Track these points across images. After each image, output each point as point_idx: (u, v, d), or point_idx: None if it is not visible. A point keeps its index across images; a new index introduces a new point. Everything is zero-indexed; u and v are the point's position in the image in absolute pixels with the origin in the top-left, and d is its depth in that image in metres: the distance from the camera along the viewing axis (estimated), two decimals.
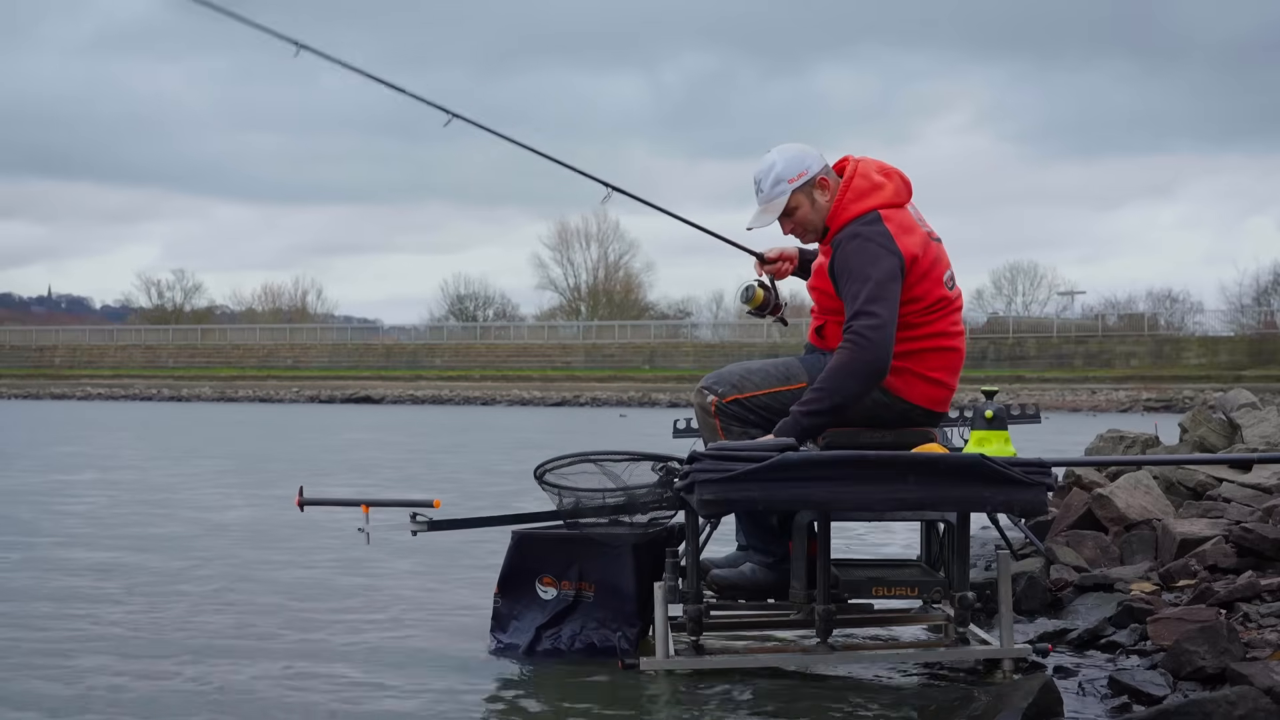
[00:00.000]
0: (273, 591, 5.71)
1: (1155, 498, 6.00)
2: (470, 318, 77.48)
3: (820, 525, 4.10)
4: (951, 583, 4.18)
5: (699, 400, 4.43)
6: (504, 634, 4.50)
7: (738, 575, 4.43)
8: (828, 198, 4.35)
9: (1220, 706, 3.18)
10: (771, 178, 4.35)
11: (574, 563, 4.44)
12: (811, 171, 4.34)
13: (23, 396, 58.93)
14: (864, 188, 4.32)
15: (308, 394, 58.26)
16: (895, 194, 4.34)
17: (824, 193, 4.35)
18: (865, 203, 4.29)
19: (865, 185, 4.32)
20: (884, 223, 4.24)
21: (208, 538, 7.57)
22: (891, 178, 4.37)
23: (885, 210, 4.28)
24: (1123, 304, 66.75)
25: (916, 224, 4.33)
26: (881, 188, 4.33)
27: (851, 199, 4.31)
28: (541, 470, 4.46)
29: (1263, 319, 61.35)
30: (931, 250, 4.32)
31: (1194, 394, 41.10)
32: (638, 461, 4.44)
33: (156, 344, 74.33)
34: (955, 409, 5.69)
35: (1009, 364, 56.90)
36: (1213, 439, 7.99)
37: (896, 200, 4.33)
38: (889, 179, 4.36)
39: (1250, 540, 4.78)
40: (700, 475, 3.92)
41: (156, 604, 5.37)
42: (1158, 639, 4.07)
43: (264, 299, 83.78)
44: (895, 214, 4.29)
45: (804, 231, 4.43)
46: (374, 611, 5.26)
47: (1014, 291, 70.79)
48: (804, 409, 4.18)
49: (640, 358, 64.78)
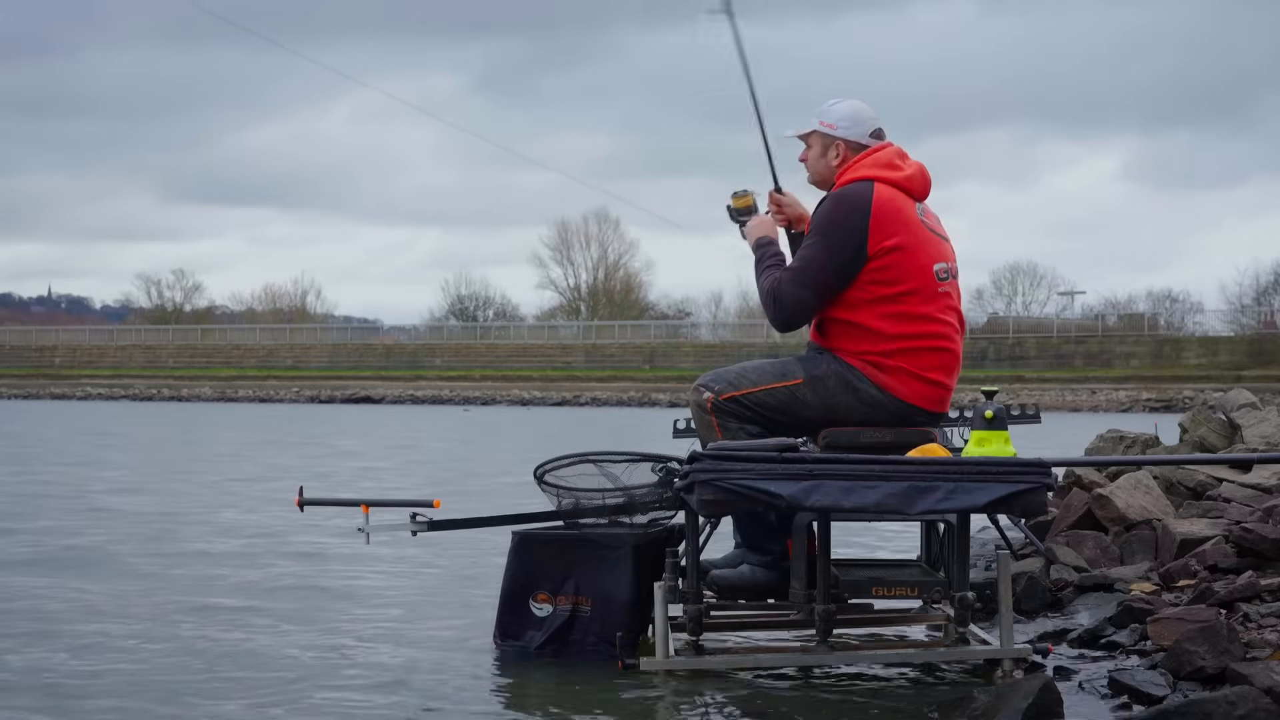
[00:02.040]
0: (272, 591, 5.71)
1: (1155, 498, 6.00)
2: (470, 318, 77.49)
3: (820, 525, 4.11)
4: (951, 583, 4.18)
5: (695, 398, 4.44)
6: (503, 641, 4.51)
7: (737, 575, 4.43)
8: (836, 159, 4.50)
9: (1220, 706, 3.18)
10: (820, 109, 4.56)
11: (571, 574, 4.43)
12: (838, 133, 4.49)
13: (23, 396, 58.92)
14: (880, 161, 4.42)
15: (308, 394, 58.29)
16: (907, 180, 4.41)
17: (835, 154, 4.50)
18: (869, 173, 4.38)
19: (881, 160, 4.43)
20: (873, 195, 4.32)
21: (213, 539, 7.57)
22: (910, 168, 4.45)
23: (882, 186, 4.34)
24: (1123, 304, 66.84)
25: (911, 211, 4.37)
26: (896, 170, 4.41)
27: (861, 165, 4.42)
28: (541, 471, 4.46)
29: (1263, 319, 61.37)
30: (920, 236, 4.36)
31: (1194, 394, 41.05)
32: (637, 462, 4.44)
33: (156, 344, 74.33)
34: (955, 409, 5.69)
35: (1009, 364, 56.89)
36: (1213, 439, 7.99)
37: (906, 186, 4.40)
38: (907, 167, 4.44)
39: (1250, 540, 4.78)
40: (700, 475, 3.92)
41: (158, 606, 5.38)
42: (1158, 639, 4.07)
43: (264, 299, 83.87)
44: (892, 194, 4.33)
45: (810, 176, 4.60)
46: (373, 611, 5.26)
47: (1014, 291, 70.85)
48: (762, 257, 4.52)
49: (640, 358, 64.79)
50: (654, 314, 75.25)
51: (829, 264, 4.31)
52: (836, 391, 4.33)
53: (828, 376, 4.35)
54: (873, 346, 4.32)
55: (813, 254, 4.36)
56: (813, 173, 4.57)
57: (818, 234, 4.37)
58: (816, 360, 4.40)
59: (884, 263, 4.29)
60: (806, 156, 4.57)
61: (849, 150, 4.48)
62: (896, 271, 4.30)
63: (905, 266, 4.31)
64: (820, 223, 4.38)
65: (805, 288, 4.35)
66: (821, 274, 4.32)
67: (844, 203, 4.35)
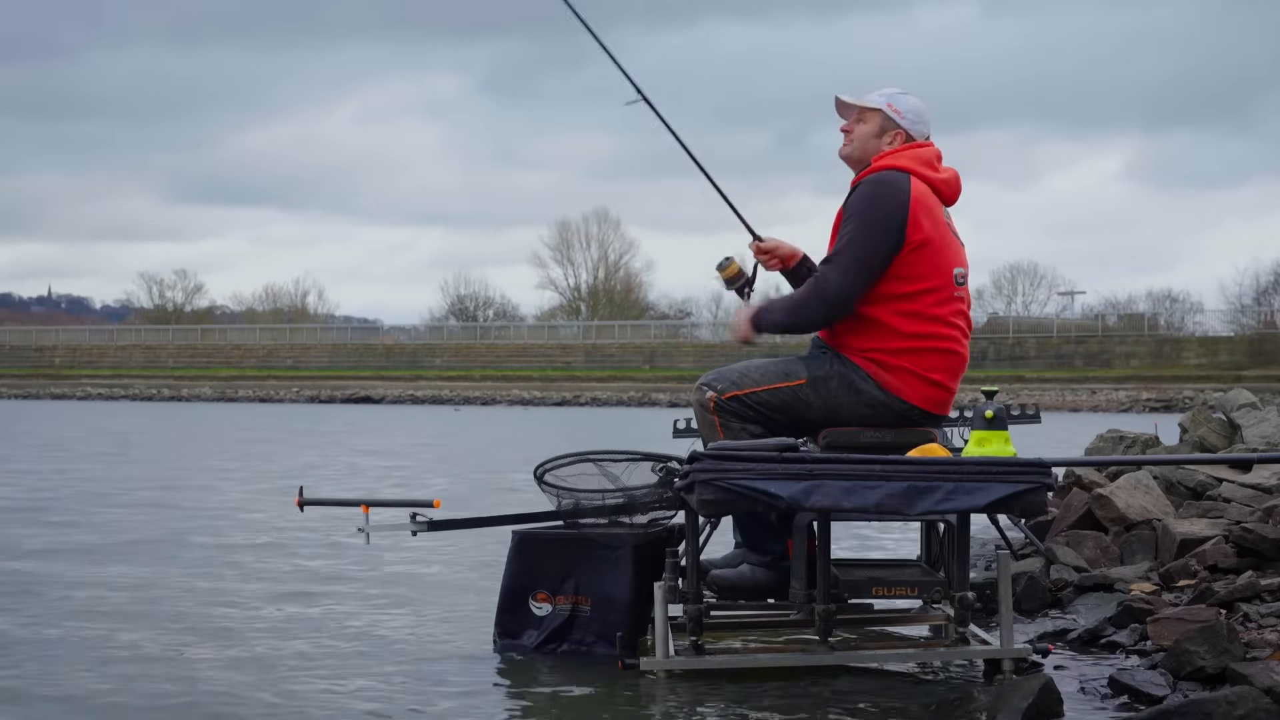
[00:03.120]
0: (271, 589, 5.71)
1: (1155, 498, 6.00)
2: (470, 318, 77.49)
3: (820, 525, 4.11)
4: (951, 583, 4.18)
5: (698, 397, 4.44)
6: (502, 641, 4.51)
7: (737, 575, 4.43)
8: (887, 143, 4.46)
9: (1220, 706, 3.18)
10: (888, 92, 4.51)
11: (570, 573, 4.43)
12: (903, 122, 4.45)
13: (22, 396, 58.93)
14: (921, 158, 4.41)
15: (308, 394, 58.30)
16: (943, 183, 4.42)
17: (889, 140, 4.46)
18: (909, 165, 4.36)
19: (922, 157, 4.41)
20: (910, 185, 4.30)
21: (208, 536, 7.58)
22: (946, 173, 4.46)
23: (918, 181, 4.33)
24: (1123, 304, 66.87)
25: (940, 212, 4.38)
26: (934, 170, 4.41)
27: (902, 155, 4.39)
28: (541, 471, 4.46)
29: (1263, 319, 61.37)
30: (947, 237, 4.36)
31: (1194, 394, 41.06)
32: (637, 462, 4.44)
33: (156, 344, 74.36)
34: (955, 409, 5.69)
35: (1009, 364, 56.91)
36: (1213, 439, 7.99)
37: (941, 188, 4.41)
38: (943, 171, 4.45)
39: (1250, 540, 4.78)
40: (700, 475, 3.92)
41: (157, 602, 5.38)
42: (1158, 639, 4.07)
43: (264, 299, 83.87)
44: (926, 191, 4.34)
45: (853, 144, 4.50)
46: (373, 611, 5.26)
47: (1014, 291, 70.89)
48: (768, 307, 4.47)
49: (640, 358, 64.80)
50: (654, 314, 75.25)
51: (871, 243, 4.25)
52: (839, 392, 4.33)
53: (830, 377, 4.34)
54: (882, 344, 4.31)
55: (853, 235, 4.28)
56: (856, 147, 4.49)
57: (857, 217, 4.29)
58: (820, 360, 4.39)
59: (911, 258, 4.28)
60: (854, 129, 4.49)
61: (905, 135, 4.45)
62: (920, 269, 4.29)
63: (929, 265, 4.30)
64: (860, 206, 4.31)
65: (848, 271, 4.27)
66: (866, 252, 4.25)
67: (884, 186, 4.30)
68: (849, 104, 4.51)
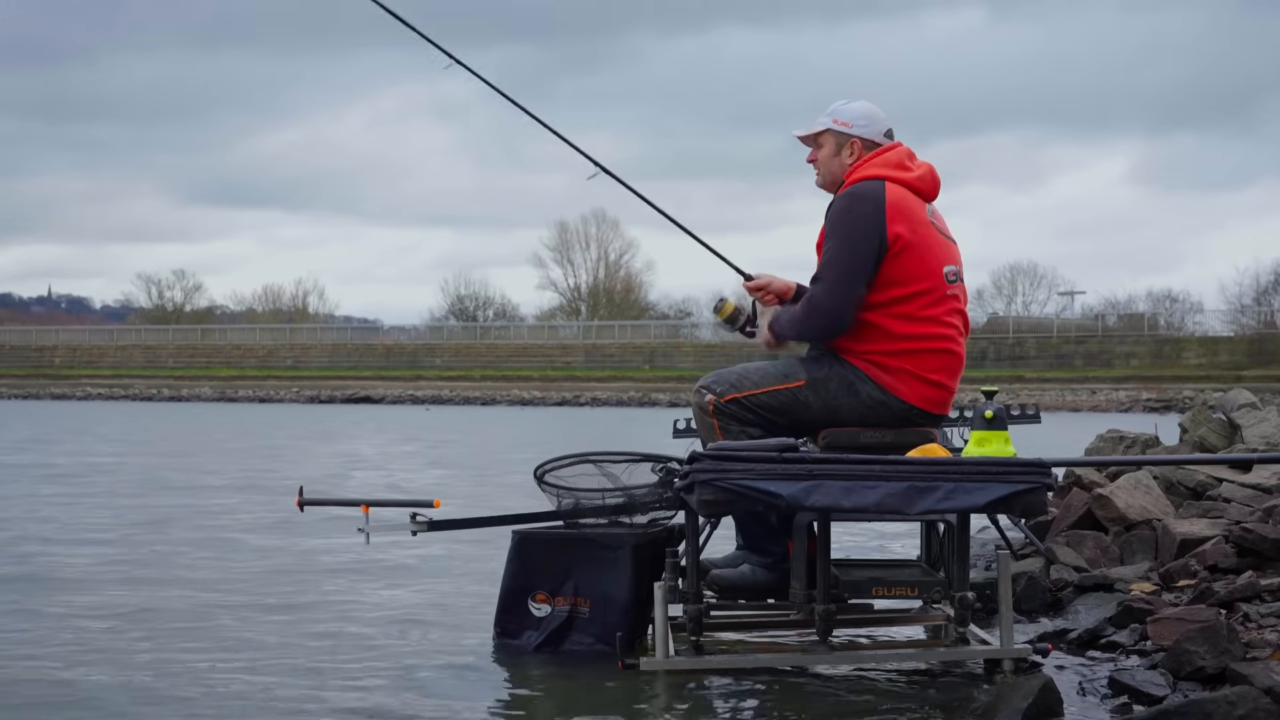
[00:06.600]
0: (268, 590, 5.71)
1: (1155, 498, 6.00)
2: (470, 318, 77.48)
3: (820, 525, 4.11)
4: (951, 583, 4.18)
5: (697, 400, 4.44)
6: (501, 641, 4.51)
7: (737, 575, 4.43)
8: (851, 158, 4.46)
9: (1220, 706, 3.18)
10: (832, 109, 4.52)
11: (570, 574, 4.43)
12: (854, 131, 4.46)
13: (22, 396, 58.91)
14: (890, 161, 4.41)
15: (308, 394, 58.28)
16: (917, 181, 4.41)
17: (849, 153, 4.47)
18: (880, 172, 4.37)
19: (892, 160, 4.41)
20: (885, 192, 4.30)
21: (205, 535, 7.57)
22: (919, 169, 4.45)
23: (893, 186, 4.33)
24: (1123, 304, 66.83)
25: (922, 212, 4.37)
26: (906, 170, 4.41)
27: (871, 165, 4.40)
28: (541, 471, 4.46)
29: (1263, 319, 61.37)
30: (931, 237, 4.36)
31: (1194, 394, 41.05)
32: (637, 462, 4.44)
33: (156, 344, 74.33)
34: (955, 409, 5.69)
35: (1009, 364, 56.89)
36: (1213, 439, 7.99)
37: (916, 186, 4.40)
38: (916, 168, 4.44)
39: (1250, 540, 4.78)
40: (700, 475, 3.92)
41: (157, 601, 5.38)
42: (1158, 639, 4.07)
43: (264, 299, 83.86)
44: (903, 194, 4.33)
45: (820, 172, 4.54)
46: (372, 611, 5.26)
47: (1014, 291, 70.84)
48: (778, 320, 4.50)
49: (640, 358, 64.79)
50: (654, 314, 75.23)
51: (853, 255, 4.28)
52: (838, 394, 4.34)
53: (830, 379, 4.35)
54: (879, 346, 4.32)
55: (836, 252, 4.32)
56: (824, 174, 4.53)
57: (836, 233, 4.34)
58: (819, 362, 4.40)
59: (898, 262, 4.29)
60: (817, 157, 4.53)
61: (864, 148, 4.46)
62: (909, 271, 4.30)
63: (917, 267, 4.31)
64: (837, 221, 4.35)
65: (836, 288, 4.30)
66: (851, 265, 4.28)
67: (857, 198, 4.33)
68: (804, 135, 4.55)
